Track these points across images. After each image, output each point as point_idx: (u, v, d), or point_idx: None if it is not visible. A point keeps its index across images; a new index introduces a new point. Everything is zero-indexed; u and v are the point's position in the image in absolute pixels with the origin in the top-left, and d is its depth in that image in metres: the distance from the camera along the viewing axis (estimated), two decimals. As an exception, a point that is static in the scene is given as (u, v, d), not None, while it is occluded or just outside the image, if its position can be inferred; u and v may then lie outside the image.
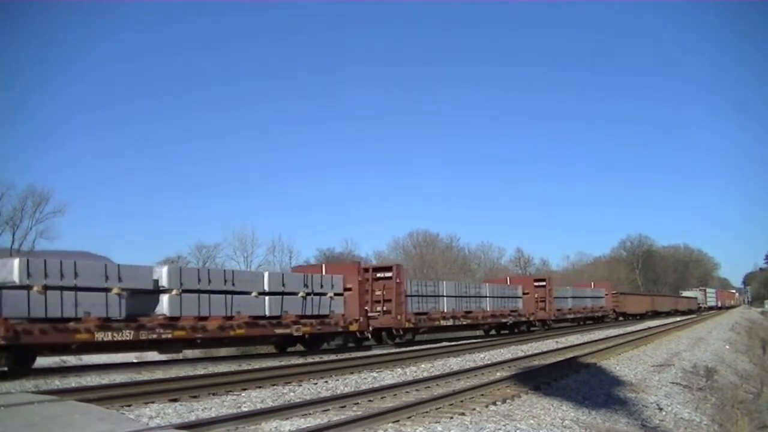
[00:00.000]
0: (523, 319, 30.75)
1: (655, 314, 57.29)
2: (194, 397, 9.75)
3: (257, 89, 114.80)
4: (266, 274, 17.96)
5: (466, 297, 26.52)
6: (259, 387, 10.94)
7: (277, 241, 59.33)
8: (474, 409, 8.79)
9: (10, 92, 77.15)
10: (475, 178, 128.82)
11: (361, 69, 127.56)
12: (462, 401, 9.35)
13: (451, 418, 8.20)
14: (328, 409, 8.61)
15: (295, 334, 17.77)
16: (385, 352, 18.68)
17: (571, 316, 37.87)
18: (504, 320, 29.27)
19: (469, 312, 26.38)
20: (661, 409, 10.60)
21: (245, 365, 14.94)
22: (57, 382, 11.61)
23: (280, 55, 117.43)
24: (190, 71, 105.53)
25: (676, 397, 12.11)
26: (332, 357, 17.42)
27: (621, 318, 48.29)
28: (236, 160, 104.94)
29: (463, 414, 8.46)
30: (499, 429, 7.63)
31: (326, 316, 19.06)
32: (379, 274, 22.53)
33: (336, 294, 19.66)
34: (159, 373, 13.31)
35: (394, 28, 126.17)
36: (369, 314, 20.94)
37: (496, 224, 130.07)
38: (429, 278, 43.32)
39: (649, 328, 34.11)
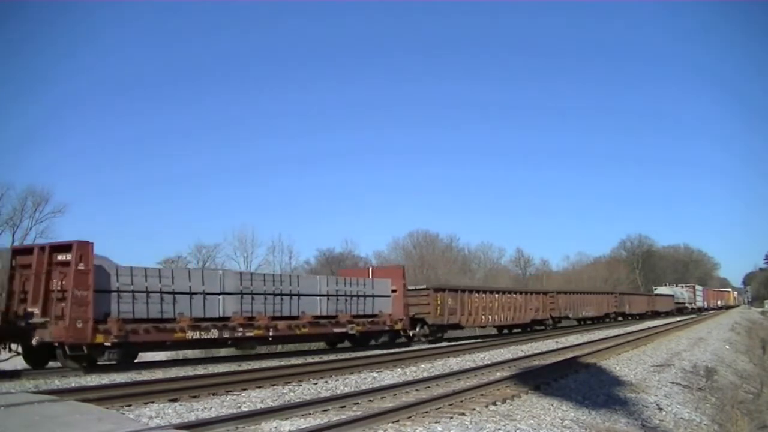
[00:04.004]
0: None
1: (562, 322, 35.97)
2: (194, 397, 9.76)
3: (256, 88, 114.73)
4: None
5: None
6: (259, 387, 10.95)
7: (277, 241, 58.97)
8: (474, 409, 8.80)
9: (6, 89, 77.05)
10: (476, 177, 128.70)
11: (360, 65, 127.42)
12: (462, 401, 9.35)
13: (451, 418, 8.20)
14: (328, 409, 8.63)
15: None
16: (383, 352, 18.61)
17: (232, 334, 16.33)
18: None
19: None
20: (661, 409, 10.61)
21: (245, 365, 14.94)
22: (57, 382, 11.63)
23: (280, 51, 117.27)
24: (188, 69, 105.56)
25: (676, 397, 12.11)
26: (332, 357, 17.42)
27: (474, 332, 29.60)
28: (236, 160, 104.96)
29: (463, 414, 8.46)
30: (499, 429, 7.64)
31: None
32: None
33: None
34: (159, 373, 13.30)
35: (394, 19, 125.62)
36: None
37: (496, 224, 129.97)
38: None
39: (649, 328, 34.01)
